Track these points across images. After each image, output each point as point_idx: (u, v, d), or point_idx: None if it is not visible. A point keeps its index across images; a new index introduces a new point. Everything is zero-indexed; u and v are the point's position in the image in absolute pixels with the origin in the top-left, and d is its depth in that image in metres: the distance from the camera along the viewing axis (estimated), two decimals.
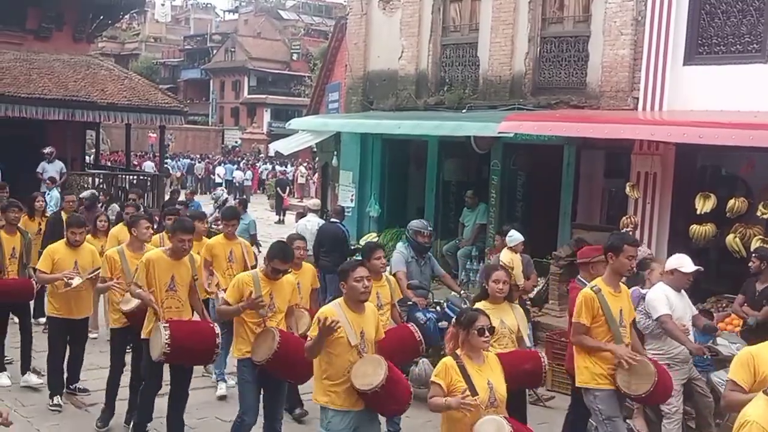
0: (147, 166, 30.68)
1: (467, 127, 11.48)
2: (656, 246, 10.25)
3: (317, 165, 26.43)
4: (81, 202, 11.82)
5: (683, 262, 6.55)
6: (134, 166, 29.89)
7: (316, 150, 22.17)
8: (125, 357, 7.20)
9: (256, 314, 5.97)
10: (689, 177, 10.47)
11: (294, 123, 16.62)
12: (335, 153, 16.97)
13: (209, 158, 43.16)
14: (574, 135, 10.51)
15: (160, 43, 72.99)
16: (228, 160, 41.43)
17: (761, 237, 9.16)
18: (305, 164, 36.36)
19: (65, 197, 11.25)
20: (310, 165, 35.65)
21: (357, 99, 15.15)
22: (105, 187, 19.16)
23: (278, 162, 41.11)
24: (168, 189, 20.70)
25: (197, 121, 59.22)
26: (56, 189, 15.33)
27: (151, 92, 19.85)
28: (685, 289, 6.66)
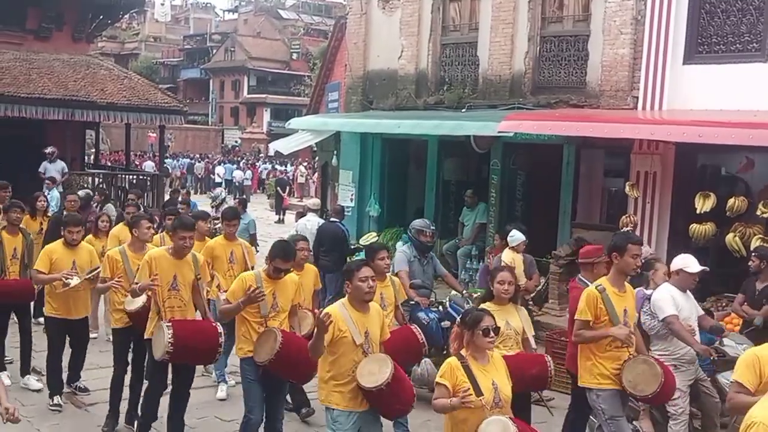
0: (147, 166, 30.71)
1: (467, 127, 11.48)
2: (656, 245, 10.24)
3: (317, 164, 26.42)
4: None
5: (689, 263, 6.51)
6: (135, 166, 29.98)
7: (316, 149, 22.19)
8: (128, 357, 7.19)
9: (259, 313, 5.94)
10: (689, 176, 10.47)
11: (294, 122, 16.61)
12: (335, 152, 16.97)
13: (209, 158, 43.16)
14: (574, 134, 10.52)
15: (160, 43, 73.00)
16: (228, 160, 41.46)
17: (761, 236, 9.16)
18: (305, 164, 36.36)
19: (67, 197, 11.23)
20: (310, 164, 35.65)
21: (357, 98, 15.15)
22: (105, 187, 19.13)
23: (278, 161, 41.13)
24: (168, 189, 20.70)
25: (197, 121, 59.24)
26: (56, 189, 15.32)
27: (151, 92, 19.82)
28: (690, 290, 6.63)
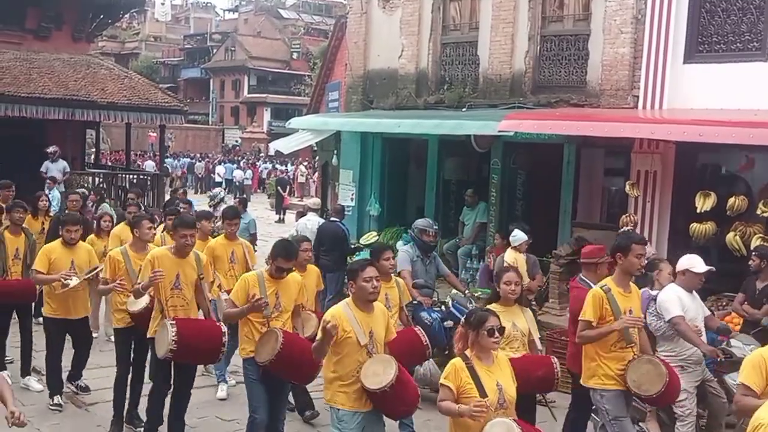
0: (148, 166, 30.73)
1: (467, 126, 11.47)
2: (656, 244, 10.23)
3: (317, 164, 26.42)
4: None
5: (695, 263, 6.46)
6: (138, 166, 30.01)
7: (317, 149, 22.19)
8: (130, 357, 7.15)
9: (261, 314, 5.93)
10: (689, 175, 10.46)
11: (294, 122, 16.61)
12: (335, 152, 16.96)
13: (209, 157, 43.17)
14: (574, 133, 10.51)
15: (160, 43, 73.00)
16: (228, 160, 41.46)
17: (761, 235, 9.15)
18: (305, 163, 36.37)
19: (69, 196, 11.24)
20: (311, 164, 35.66)
21: (357, 98, 15.14)
22: (105, 187, 19.15)
23: (278, 161, 41.13)
24: (169, 189, 20.69)
25: (197, 121, 59.27)
26: (57, 189, 15.31)
27: (151, 91, 19.81)
28: (697, 290, 6.58)
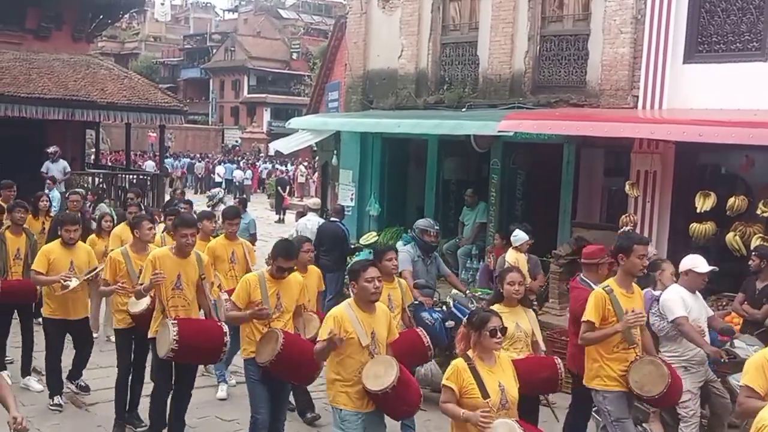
0: (148, 166, 30.74)
1: (467, 126, 11.47)
2: (656, 244, 10.22)
3: (317, 164, 26.42)
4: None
5: (698, 263, 6.44)
6: (139, 166, 30.02)
7: (316, 149, 22.18)
8: (131, 357, 7.16)
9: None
10: (689, 175, 10.46)
11: (294, 122, 16.60)
12: (335, 152, 16.95)
13: (209, 158, 43.17)
14: (574, 133, 10.49)
15: (160, 43, 73.00)
16: (228, 160, 41.47)
17: (761, 235, 9.14)
18: (305, 163, 36.37)
19: (70, 196, 11.25)
20: (310, 164, 35.66)
21: (357, 98, 15.13)
22: (105, 187, 19.16)
23: (278, 161, 41.13)
24: (169, 189, 20.68)
25: (197, 121, 59.27)
26: (57, 189, 15.31)
27: (151, 92, 19.81)
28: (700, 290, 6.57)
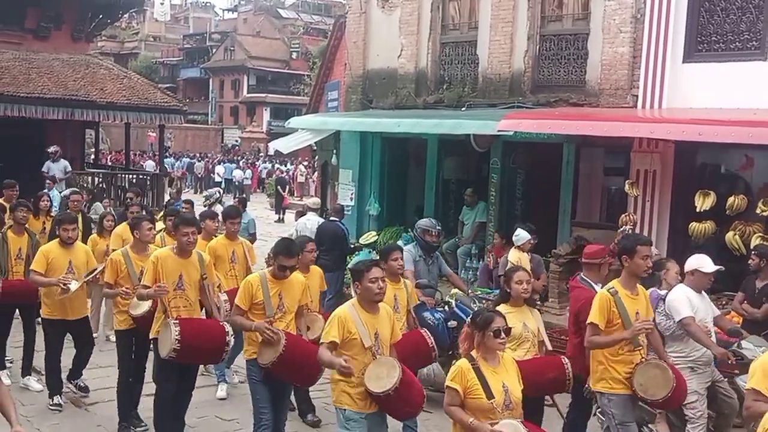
0: (148, 165, 30.75)
1: (467, 125, 11.46)
2: (656, 244, 10.21)
3: (317, 163, 26.42)
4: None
5: (703, 263, 6.41)
6: (141, 166, 30.04)
7: (316, 149, 22.16)
8: (132, 359, 7.12)
9: (265, 315, 5.87)
10: (689, 174, 10.46)
11: (293, 122, 16.59)
12: (335, 151, 16.95)
13: (209, 157, 43.17)
14: (574, 133, 10.50)
15: (160, 42, 72.95)
16: (227, 159, 41.46)
17: (761, 234, 9.15)
18: (305, 163, 36.37)
19: (71, 196, 11.27)
20: (310, 164, 35.66)
21: (356, 97, 15.13)
22: (105, 187, 19.17)
23: (278, 161, 41.12)
24: (168, 189, 20.66)
25: (197, 120, 59.26)
26: (56, 188, 15.30)
27: (151, 91, 19.82)
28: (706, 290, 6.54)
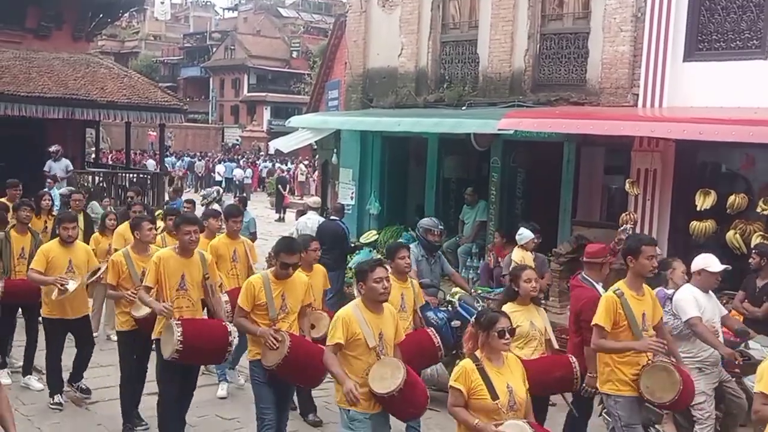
0: (150, 164, 30.78)
1: (467, 125, 11.45)
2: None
3: (317, 163, 26.42)
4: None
5: (710, 262, 6.37)
6: (143, 165, 30.06)
7: (316, 148, 22.17)
8: (134, 361, 7.10)
9: (267, 316, 5.83)
10: (689, 173, 10.45)
11: (294, 121, 16.59)
12: (335, 150, 16.95)
13: (209, 156, 43.17)
14: (574, 132, 10.49)
15: (160, 41, 72.97)
16: (228, 158, 41.46)
17: (761, 233, 9.14)
18: (305, 162, 36.37)
19: (72, 196, 11.27)
20: (311, 163, 35.66)
21: (357, 96, 15.12)
22: (105, 186, 19.18)
23: (278, 160, 41.12)
24: (170, 188, 20.65)
25: (197, 119, 59.26)
26: (57, 188, 15.31)
27: (151, 90, 19.82)
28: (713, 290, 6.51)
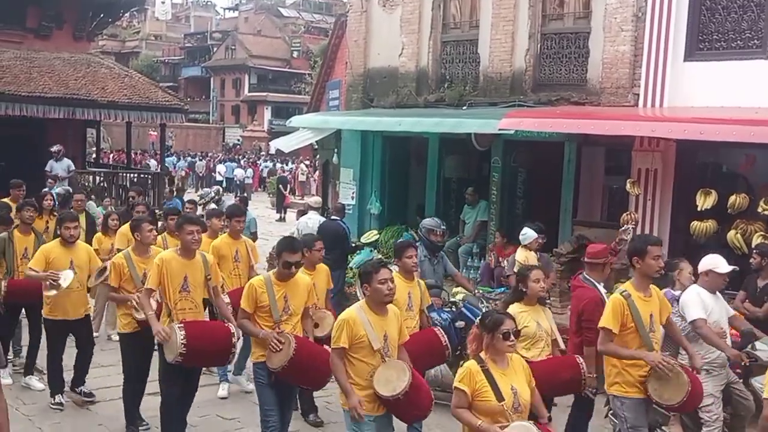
0: (152, 164, 30.80)
1: (468, 124, 11.45)
2: None
3: (318, 162, 26.42)
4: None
5: (717, 263, 6.32)
6: (146, 165, 30.09)
7: (317, 147, 22.17)
8: (136, 363, 7.05)
9: (271, 318, 5.82)
10: (690, 173, 10.45)
11: (294, 120, 16.60)
12: (336, 150, 16.95)
13: (210, 156, 43.18)
14: (575, 132, 10.48)
15: (161, 41, 72.99)
16: (229, 158, 41.47)
17: (762, 233, 9.14)
18: (306, 162, 36.36)
19: (74, 196, 11.27)
20: (311, 162, 35.65)
21: (357, 96, 15.12)
22: (106, 186, 19.19)
23: (279, 160, 41.13)
24: (172, 188, 20.67)
25: (198, 119, 59.27)
26: (57, 187, 15.31)
27: (152, 90, 19.83)
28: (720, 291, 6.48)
